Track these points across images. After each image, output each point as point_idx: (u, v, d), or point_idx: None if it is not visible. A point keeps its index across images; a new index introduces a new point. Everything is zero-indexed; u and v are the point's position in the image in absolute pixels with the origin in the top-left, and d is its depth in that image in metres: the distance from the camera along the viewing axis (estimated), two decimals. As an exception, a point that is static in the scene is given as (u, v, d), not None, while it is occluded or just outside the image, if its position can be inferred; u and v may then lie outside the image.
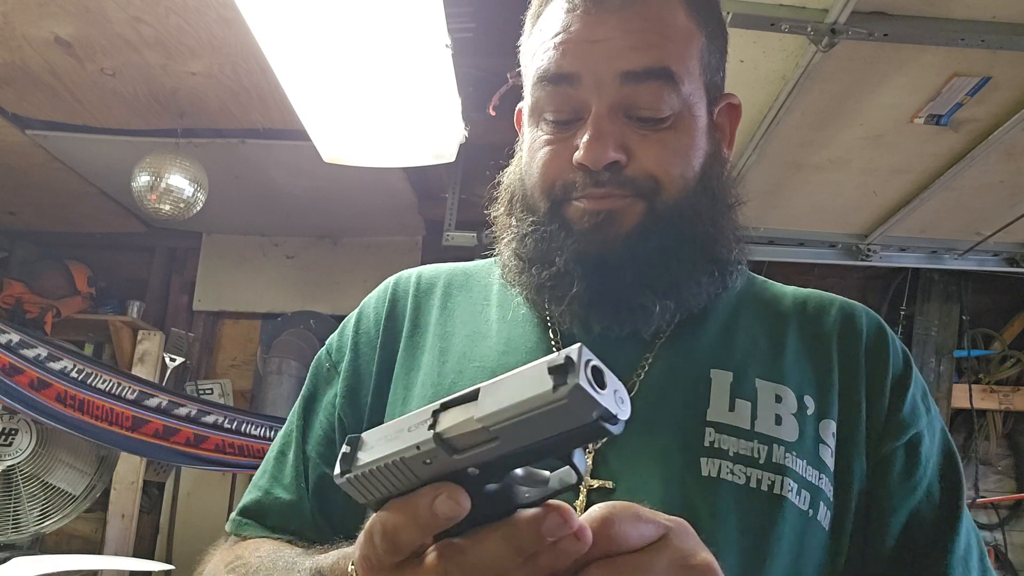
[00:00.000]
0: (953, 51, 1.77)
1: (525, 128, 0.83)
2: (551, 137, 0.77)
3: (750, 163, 2.34)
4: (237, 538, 0.83)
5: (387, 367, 0.84)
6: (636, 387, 0.75)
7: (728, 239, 0.79)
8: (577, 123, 0.75)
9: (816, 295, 0.86)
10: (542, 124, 0.78)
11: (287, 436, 0.87)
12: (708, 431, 0.71)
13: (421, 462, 0.46)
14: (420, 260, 3.81)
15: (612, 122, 0.74)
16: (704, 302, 0.78)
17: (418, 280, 0.90)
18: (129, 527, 3.47)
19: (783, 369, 0.77)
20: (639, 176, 0.74)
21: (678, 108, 0.75)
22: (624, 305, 0.75)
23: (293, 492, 0.83)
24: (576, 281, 0.74)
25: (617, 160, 0.73)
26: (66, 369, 2.94)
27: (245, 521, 0.83)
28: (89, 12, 2.16)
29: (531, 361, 0.49)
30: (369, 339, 0.87)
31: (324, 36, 1.85)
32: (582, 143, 0.73)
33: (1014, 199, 2.57)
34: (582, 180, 0.74)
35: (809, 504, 0.71)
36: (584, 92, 0.74)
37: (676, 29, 0.76)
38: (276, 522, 0.82)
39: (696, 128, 0.77)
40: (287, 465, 0.84)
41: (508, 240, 0.81)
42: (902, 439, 0.77)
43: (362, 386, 0.84)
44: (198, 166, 2.84)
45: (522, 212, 0.80)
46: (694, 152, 0.77)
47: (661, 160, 0.74)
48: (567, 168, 0.75)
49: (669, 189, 0.74)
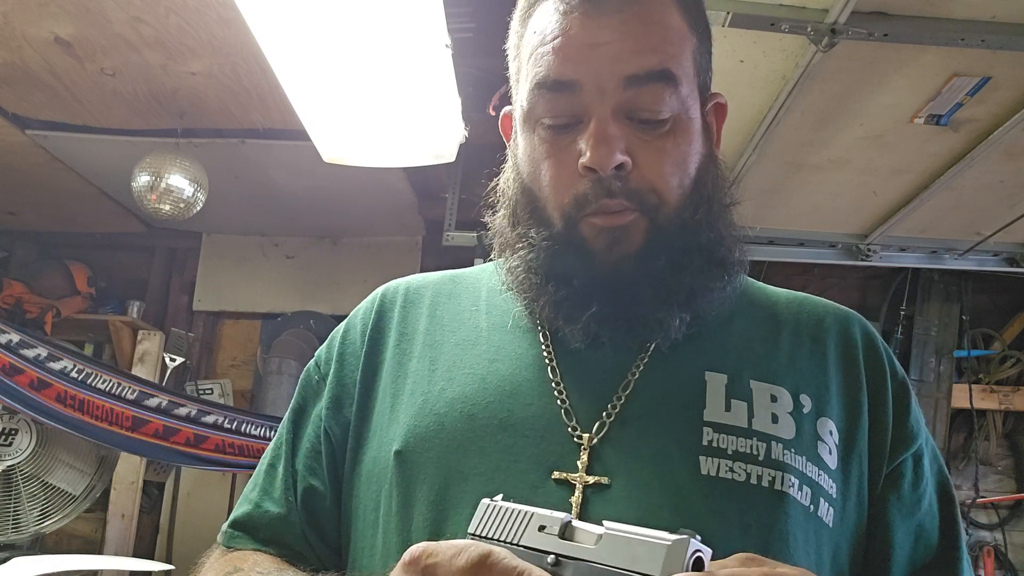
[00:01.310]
0: (953, 51, 1.77)
1: (519, 134, 0.81)
2: (551, 145, 0.76)
3: (750, 163, 2.34)
4: (228, 550, 0.83)
5: (371, 378, 0.84)
6: (631, 388, 0.75)
7: (728, 240, 0.79)
8: (576, 127, 0.75)
9: (810, 299, 0.86)
10: (539, 130, 0.77)
11: (277, 449, 0.87)
12: (706, 430, 0.71)
13: (537, 527, 0.58)
14: (420, 260, 3.82)
15: (615, 125, 0.73)
16: (716, 307, 0.79)
17: (406, 290, 0.90)
18: (129, 527, 3.47)
19: (778, 370, 0.77)
20: (642, 188, 0.73)
21: (677, 110, 0.75)
22: (640, 321, 0.75)
23: (282, 506, 0.83)
24: (594, 302, 0.74)
25: (623, 162, 0.72)
26: (66, 369, 2.94)
27: (236, 534, 0.83)
28: (89, 12, 2.16)
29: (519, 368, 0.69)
30: (354, 350, 0.87)
31: (324, 36, 1.85)
32: (588, 146, 0.72)
33: (1014, 199, 2.57)
34: (593, 191, 0.73)
35: (811, 500, 0.71)
36: (585, 98, 0.74)
37: (673, 31, 0.76)
38: (267, 535, 0.82)
39: (692, 131, 0.77)
40: (276, 478, 0.85)
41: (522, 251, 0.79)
42: (911, 449, 0.78)
43: (346, 397, 0.84)
44: (198, 166, 2.84)
45: (531, 223, 0.79)
46: (691, 157, 0.77)
47: (661, 170, 0.74)
48: (575, 177, 0.74)
49: (669, 201, 0.75)
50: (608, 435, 0.72)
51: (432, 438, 0.75)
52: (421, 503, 0.72)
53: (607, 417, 0.73)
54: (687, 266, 0.75)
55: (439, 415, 0.76)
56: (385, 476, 0.76)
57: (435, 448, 0.74)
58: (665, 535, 0.54)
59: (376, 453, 0.79)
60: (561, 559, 0.56)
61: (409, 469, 0.74)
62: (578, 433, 0.72)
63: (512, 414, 0.74)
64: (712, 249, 0.77)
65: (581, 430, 0.72)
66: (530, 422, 0.73)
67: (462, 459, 0.72)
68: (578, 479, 0.69)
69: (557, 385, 0.76)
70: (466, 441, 0.73)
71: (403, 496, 0.74)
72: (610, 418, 0.73)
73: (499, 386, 0.76)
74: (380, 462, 0.77)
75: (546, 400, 0.75)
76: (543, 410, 0.74)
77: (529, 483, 0.70)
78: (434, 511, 0.71)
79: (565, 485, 0.69)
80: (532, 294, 0.79)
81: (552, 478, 0.70)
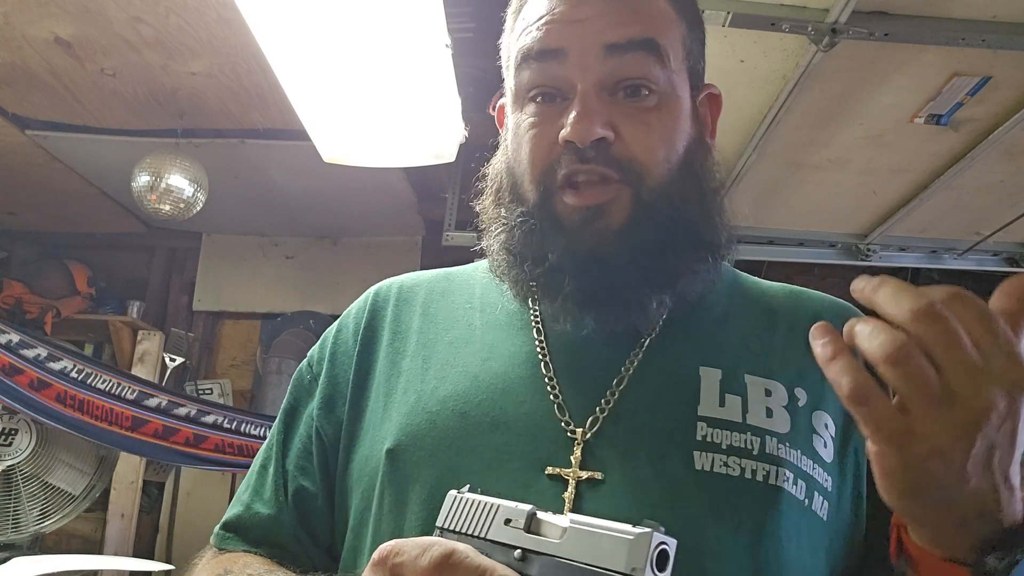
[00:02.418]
0: (953, 51, 1.77)
1: (508, 116, 0.82)
2: (536, 119, 0.77)
3: (750, 163, 2.34)
4: (220, 552, 0.83)
5: (364, 377, 0.84)
6: (625, 383, 0.74)
7: (715, 222, 0.79)
8: (563, 103, 0.75)
9: (806, 292, 0.86)
10: (526, 106, 0.78)
11: (268, 450, 0.87)
12: (700, 425, 0.71)
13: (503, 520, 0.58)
14: (420, 260, 3.82)
15: (599, 100, 0.74)
16: (700, 290, 0.78)
17: (399, 288, 0.90)
18: (129, 527, 3.47)
19: (772, 364, 0.77)
20: (625, 158, 0.74)
21: (663, 84, 0.75)
22: (619, 301, 0.75)
23: (273, 507, 0.82)
24: (569, 278, 0.74)
25: (604, 137, 0.73)
26: (66, 369, 2.94)
27: (228, 535, 0.84)
28: (89, 12, 2.16)
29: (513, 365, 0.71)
30: (347, 349, 0.86)
31: (324, 36, 1.85)
32: (569, 120, 0.73)
33: (1014, 199, 2.57)
34: (566, 158, 0.74)
35: (805, 494, 0.71)
36: (569, 69, 0.74)
37: (658, 10, 0.78)
38: (258, 536, 0.82)
39: (680, 110, 0.77)
40: (268, 479, 0.85)
41: (497, 232, 0.81)
42: None
43: (339, 397, 0.84)
44: (198, 166, 2.84)
45: (511, 202, 0.79)
46: (678, 135, 0.77)
47: (646, 142, 0.74)
48: (554, 148, 0.75)
49: (654, 173, 0.74)
50: (601, 430, 0.72)
51: (424, 436, 0.75)
52: (414, 502, 0.72)
53: (600, 412, 0.73)
54: (671, 244, 0.75)
55: (431, 413, 0.76)
56: (377, 475, 0.76)
57: (428, 447, 0.74)
58: (629, 528, 0.53)
59: (368, 452, 0.79)
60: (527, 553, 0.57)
61: (401, 468, 0.74)
62: (571, 429, 0.72)
63: (504, 411, 0.74)
64: (698, 228, 0.77)
65: (575, 425, 0.72)
66: (523, 419, 0.73)
67: (454, 458, 0.72)
68: (571, 474, 0.69)
69: (550, 381, 0.76)
70: (458, 439, 0.73)
71: (396, 495, 0.74)
72: (603, 413, 0.73)
73: (492, 384, 0.76)
74: (372, 461, 0.77)
75: (539, 396, 0.75)
76: (536, 407, 0.74)
77: (522, 480, 0.70)
78: (427, 510, 0.71)
79: (558, 480, 0.69)
80: (511, 275, 0.79)
81: (545, 474, 0.70)
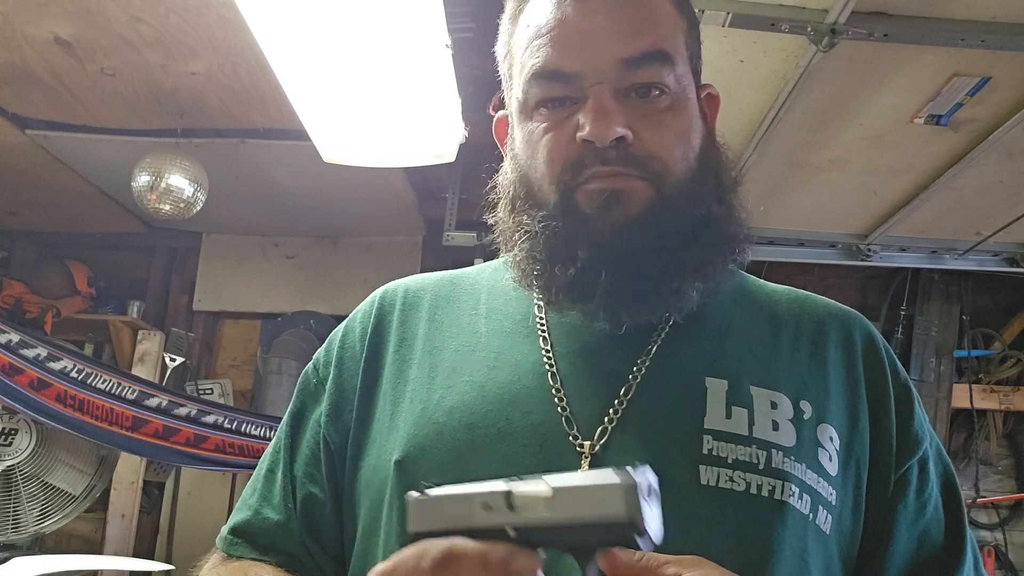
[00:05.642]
0: (953, 51, 1.77)
1: (516, 128, 0.81)
2: (549, 123, 0.76)
3: (750, 163, 2.34)
4: (228, 557, 0.83)
5: (372, 383, 0.83)
6: (632, 391, 0.74)
7: (737, 216, 0.79)
8: (572, 105, 0.75)
9: (811, 298, 0.85)
10: (536, 114, 0.77)
11: (275, 454, 0.86)
12: (706, 438, 0.71)
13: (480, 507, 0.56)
14: (420, 260, 3.81)
15: (615, 102, 0.73)
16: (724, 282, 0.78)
17: (405, 293, 0.89)
18: (129, 527, 3.47)
19: (777, 375, 0.76)
20: (644, 156, 0.73)
21: (674, 88, 0.75)
22: (656, 292, 0.74)
23: (281, 513, 0.82)
24: (603, 273, 0.72)
25: (623, 136, 0.72)
26: (66, 369, 2.93)
27: (236, 541, 0.82)
28: (89, 12, 2.16)
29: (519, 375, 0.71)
30: (353, 355, 0.85)
31: (324, 36, 1.85)
32: (587, 119, 0.72)
33: (1014, 199, 2.57)
34: (588, 157, 0.73)
35: (810, 508, 0.71)
36: (585, 83, 0.74)
37: (664, 14, 0.77)
38: (266, 542, 0.81)
39: (691, 109, 0.78)
40: (275, 484, 0.84)
41: (520, 241, 0.78)
42: (917, 455, 0.77)
43: (346, 403, 0.83)
44: (198, 166, 2.84)
45: (531, 208, 0.78)
46: (693, 133, 0.77)
47: (664, 142, 0.74)
48: (572, 147, 0.74)
49: (674, 171, 0.74)
50: (609, 442, 0.71)
51: (431, 448, 0.74)
52: None
53: (608, 423, 0.72)
54: (696, 237, 0.74)
55: (438, 424, 0.75)
56: (386, 485, 0.75)
57: (435, 458, 0.73)
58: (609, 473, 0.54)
59: (376, 462, 0.78)
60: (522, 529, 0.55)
61: (409, 479, 0.73)
62: (579, 442, 0.71)
63: (511, 423, 0.73)
64: (720, 222, 0.77)
65: (582, 438, 0.71)
66: (529, 431, 0.72)
67: (461, 470, 0.71)
68: None
69: (558, 392, 0.75)
70: (465, 451, 0.73)
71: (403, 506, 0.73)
72: (612, 424, 0.72)
73: (498, 394, 0.75)
74: (380, 471, 0.77)
75: (546, 408, 0.74)
76: (543, 418, 0.73)
77: None
78: None
79: None
80: (541, 282, 0.77)
81: None
